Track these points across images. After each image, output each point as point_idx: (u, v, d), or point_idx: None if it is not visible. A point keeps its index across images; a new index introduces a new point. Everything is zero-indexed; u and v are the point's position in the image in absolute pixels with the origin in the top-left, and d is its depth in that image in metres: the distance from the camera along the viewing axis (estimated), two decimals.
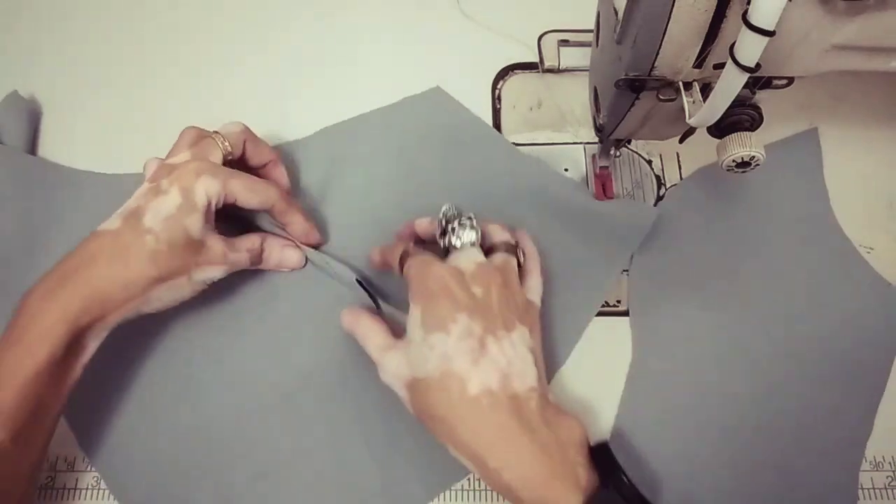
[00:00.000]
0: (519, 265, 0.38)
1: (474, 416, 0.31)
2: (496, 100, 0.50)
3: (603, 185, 0.46)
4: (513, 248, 0.37)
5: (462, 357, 0.32)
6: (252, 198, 0.37)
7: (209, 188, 0.36)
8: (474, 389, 0.31)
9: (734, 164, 0.33)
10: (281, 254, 0.41)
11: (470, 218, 0.37)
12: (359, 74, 0.50)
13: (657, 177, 0.47)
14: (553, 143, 0.48)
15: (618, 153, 0.44)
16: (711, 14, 0.27)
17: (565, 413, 0.33)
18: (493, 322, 0.33)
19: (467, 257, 0.35)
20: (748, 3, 0.24)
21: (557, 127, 0.49)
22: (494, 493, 0.38)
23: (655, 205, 0.46)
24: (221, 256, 0.37)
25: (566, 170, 0.47)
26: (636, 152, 0.47)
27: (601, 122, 0.38)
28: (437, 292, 0.33)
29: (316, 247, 0.42)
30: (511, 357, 0.33)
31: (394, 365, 0.34)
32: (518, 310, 0.35)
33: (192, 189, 0.36)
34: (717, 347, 0.41)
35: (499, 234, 0.38)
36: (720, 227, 0.45)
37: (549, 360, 0.40)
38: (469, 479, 0.39)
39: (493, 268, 0.35)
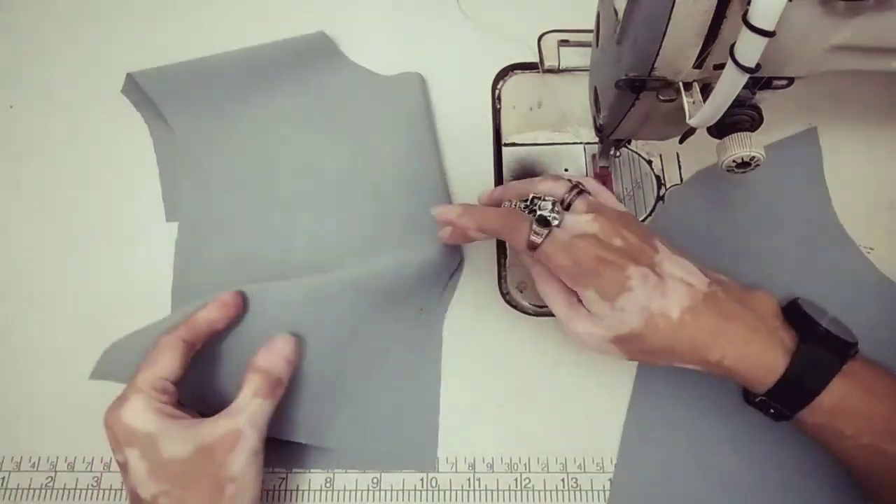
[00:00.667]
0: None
1: (686, 334, 0.33)
2: (496, 100, 0.50)
3: (603, 185, 0.45)
4: (578, 188, 0.37)
5: (653, 298, 0.33)
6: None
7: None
8: (675, 314, 0.33)
9: (734, 164, 0.33)
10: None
11: (538, 199, 0.36)
12: None
13: (657, 177, 0.47)
14: (553, 143, 0.48)
15: (618, 153, 0.44)
16: (711, 14, 0.27)
17: (750, 289, 0.36)
18: (647, 254, 0.34)
19: (579, 221, 0.35)
20: (748, 3, 0.24)
21: (557, 127, 0.49)
22: (494, 494, 0.39)
23: (655, 204, 0.46)
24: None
25: (566, 170, 0.47)
26: (636, 152, 0.47)
27: (601, 122, 0.38)
28: (596, 267, 0.33)
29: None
30: (675, 268, 0.34)
31: (587, 331, 0.34)
32: (643, 227, 0.36)
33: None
34: None
35: (558, 187, 0.37)
36: (721, 228, 0.45)
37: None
38: (469, 480, 0.39)
39: (604, 216, 0.35)
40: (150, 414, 0.32)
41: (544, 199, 0.35)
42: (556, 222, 0.35)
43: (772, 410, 0.34)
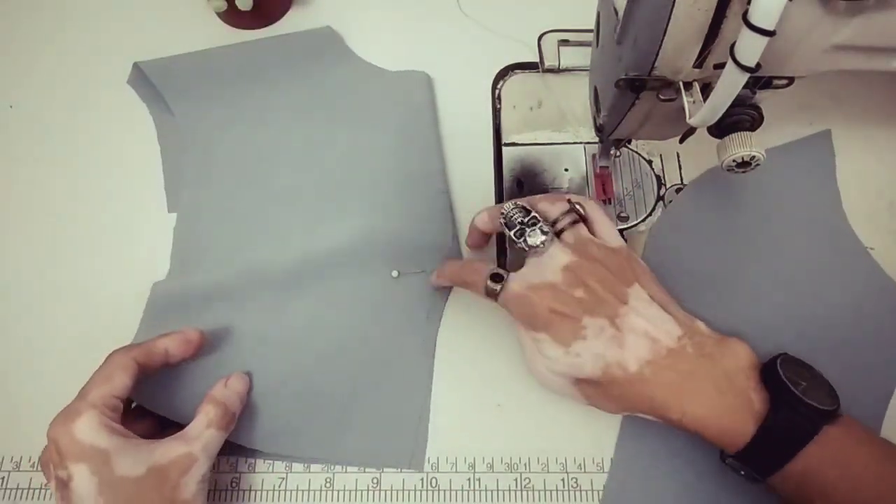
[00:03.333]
0: (583, 219, 0.38)
1: (644, 388, 0.33)
2: (496, 100, 0.50)
3: (603, 185, 0.46)
4: (573, 214, 0.37)
5: (609, 348, 0.33)
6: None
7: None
8: (634, 367, 0.33)
9: (734, 164, 0.33)
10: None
11: (536, 220, 0.36)
12: None
13: (657, 177, 0.47)
14: (553, 143, 0.48)
15: (618, 153, 0.44)
16: (711, 14, 0.27)
17: (725, 339, 0.35)
18: (608, 306, 0.34)
19: (550, 265, 0.35)
20: (748, 3, 0.24)
21: (557, 127, 0.49)
22: (494, 494, 0.39)
23: (655, 204, 0.46)
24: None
25: (566, 169, 0.47)
26: (636, 152, 0.47)
27: (601, 122, 0.38)
28: (551, 318, 0.34)
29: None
30: (644, 321, 0.34)
31: (547, 370, 0.35)
32: (620, 274, 0.35)
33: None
34: None
35: (554, 209, 0.37)
36: (730, 228, 0.44)
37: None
38: (469, 480, 0.39)
39: (577, 261, 0.35)
40: (104, 430, 0.32)
41: (539, 226, 0.36)
42: (533, 250, 0.35)
43: (742, 472, 0.34)
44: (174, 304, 0.42)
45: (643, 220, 0.45)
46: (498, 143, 0.48)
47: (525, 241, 0.36)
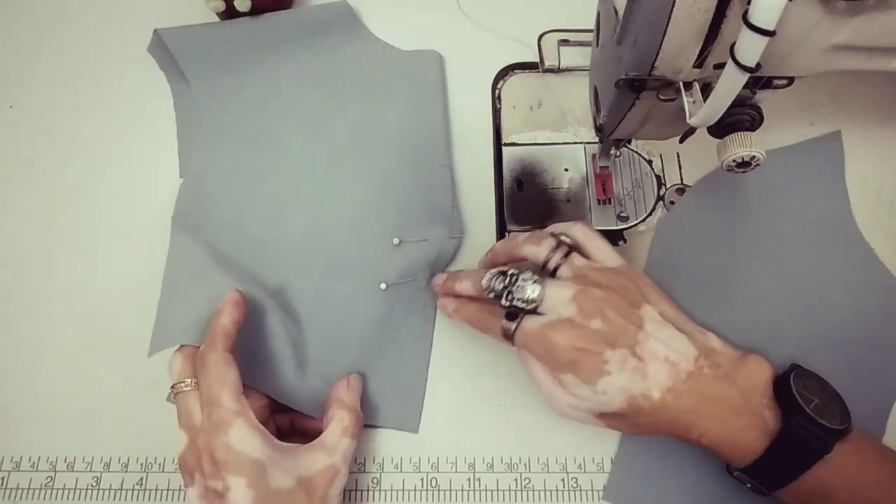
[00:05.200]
0: (574, 247, 0.37)
1: (667, 414, 0.33)
2: (496, 100, 0.50)
3: (603, 184, 0.46)
4: (563, 248, 0.36)
5: (633, 381, 0.33)
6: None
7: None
8: (657, 394, 0.33)
9: (734, 164, 0.33)
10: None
11: (516, 275, 0.34)
12: None
13: (657, 177, 0.47)
14: (553, 143, 0.48)
15: (618, 153, 0.44)
16: (711, 14, 0.27)
17: (742, 356, 0.35)
18: (628, 334, 0.33)
19: (559, 302, 0.34)
20: (748, 3, 0.24)
21: (557, 127, 0.49)
22: (494, 494, 0.39)
23: (655, 204, 0.46)
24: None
25: (566, 169, 0.47)
26: (636, 152, 0.47)
27: (601, 122, 0.38)
28: (574, 356, 0.33)
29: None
30: (663, 346, 0.33)
31: (571, 405, 0.34)
32: (629, 297, 0.34)
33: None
34: None
35: (541, 249, 0.36)
36: (736, 228, 0.44)
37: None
38: (469, 480, 0.39)
39: (583, 290, 0.33)
40: (255, 437, 0.32)
41: (522, 278, 0.34)
42: (533, 304, 0.34)
43: (748, 485, 0.34)
44: (190, 270, 0.42)
45: (643, 220, 0.45)
46: (498, 143, 0.48)
47: (517, 299, 0.34)
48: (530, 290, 0.34)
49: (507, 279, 0.35)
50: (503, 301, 0.34)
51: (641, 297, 0.35)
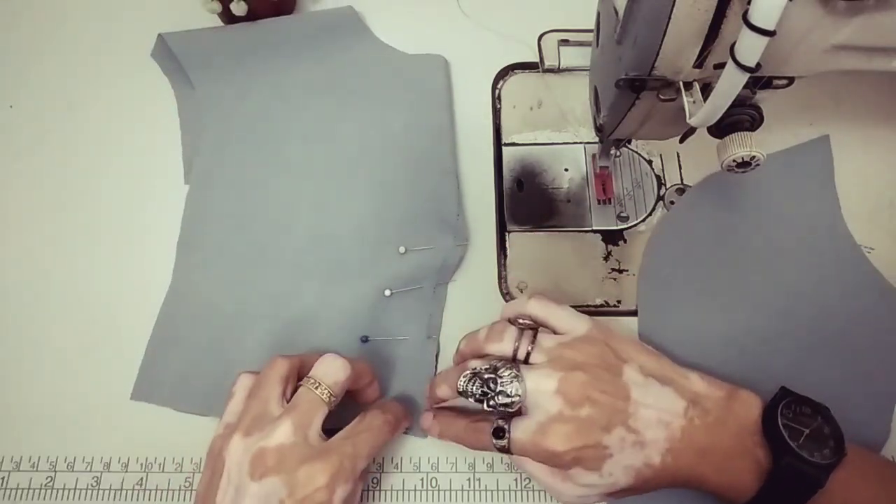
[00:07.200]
0: (537, 326, 0.36)
1: (669, 474, 0.33)
2: (496, 100, 0.50)
3: (603, 184, 0.46)
4: (528, 332, 0.36)
5: (635, 455, 0.33)
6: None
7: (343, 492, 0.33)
8: (657, 460, 0.33)
9: (734, 164, 0.33)
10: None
11: (493, 377, 0.34)
12: None
13: (657, 177, 0.47)
14: (553, 143, 0.48)
15: (618, 153, 0.44)
16: (711, 14, 0.27)
17: (729, 395, 0.35)
18: (617, 409, 0.33)
19: (543, 398, 0.33)
20: (748, 3, 0.24)
21: (557, 127, 0.49)
22: (494, 494, 0.39)
23: (655, 204, 0.46)
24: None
25: (566, 169, 0.47)
26: (636, 152, 0.47)
27: (601, 122, 0.38)
28: (576, 452, 0.32)
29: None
30: (653, 409, 0.33)
31: (578, 498, 0.34)
32: (608, 366, 0.34)
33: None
34: (726, 351, 0.41)
35: (505, 342, 0.35)
36: (730, 231, 0.44)
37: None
38: (469, 480, 0.39)
39: (563, 377, 0.33)
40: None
41: (500, 377, 0.33)
42: (517, 406, 0.33)
43: None
44: (192, 283, 0.44)
45: (643, 220, 0.45)
46: (498, 143, 0.48)
47: (500, 405, 0.33)
48: (510, 389, 0.33)
49: (484, 383, 0.34)
50: (485, 406, 0.34)
51: (618, 359, 0.35)
